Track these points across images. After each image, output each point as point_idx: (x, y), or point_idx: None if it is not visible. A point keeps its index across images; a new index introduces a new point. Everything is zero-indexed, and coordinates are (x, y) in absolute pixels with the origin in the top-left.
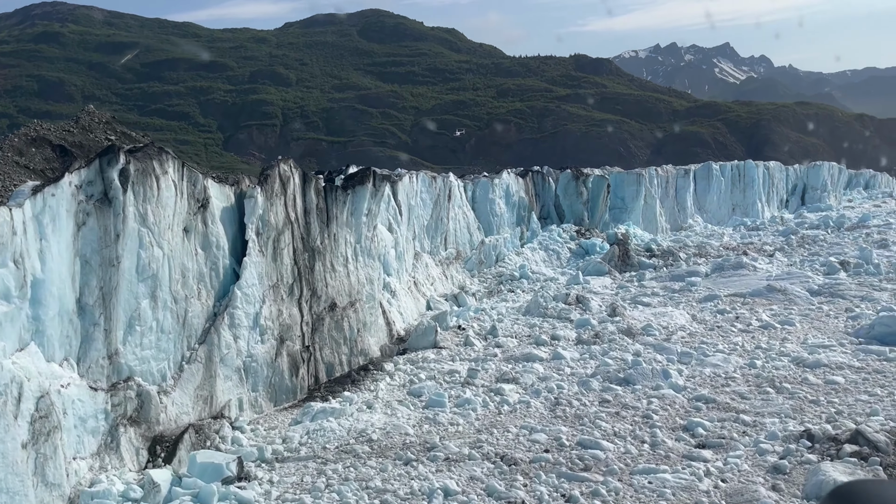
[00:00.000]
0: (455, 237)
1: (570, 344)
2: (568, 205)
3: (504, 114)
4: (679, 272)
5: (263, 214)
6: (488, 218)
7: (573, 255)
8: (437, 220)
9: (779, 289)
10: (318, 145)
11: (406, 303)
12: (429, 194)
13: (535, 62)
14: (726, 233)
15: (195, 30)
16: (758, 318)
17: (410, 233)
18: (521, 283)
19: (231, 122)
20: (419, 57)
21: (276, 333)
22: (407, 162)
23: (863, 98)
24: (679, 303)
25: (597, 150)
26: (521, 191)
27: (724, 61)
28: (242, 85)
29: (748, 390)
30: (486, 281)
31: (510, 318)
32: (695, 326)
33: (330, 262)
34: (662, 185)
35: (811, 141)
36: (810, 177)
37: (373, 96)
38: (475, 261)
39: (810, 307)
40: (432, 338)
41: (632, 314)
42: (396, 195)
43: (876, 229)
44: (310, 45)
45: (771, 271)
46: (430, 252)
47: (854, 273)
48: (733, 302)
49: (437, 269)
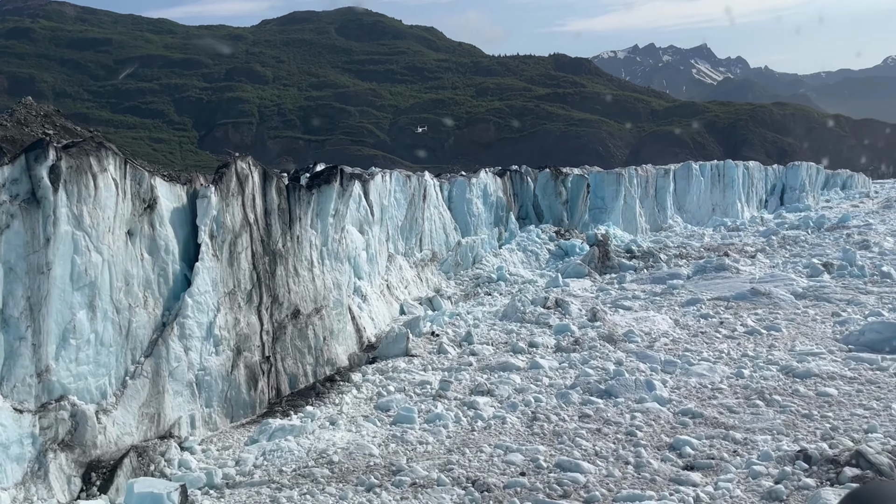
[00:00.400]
0: (431, 238)
1: (549, 351)
2: (547, 205)
3: (483, 113)
4: (660, 274)
5: (218, 216)
6: (465, 218)
7: (552, 257)
8: (412, 220)
9: (763, 292)
10: (296, 144)
11: (378, 307)
12: (403, 194)
13: (515, 61)
14: (706, 233)
15: (170, 26)
16: (742, 323)
17: (384, 234)
18: (499, 286)
19: (206, 120)
20: (398, 55)
21: (232, 344)
22: (385, 161)
23: (837, 99)
24: (661, 307)
25: (576, 149)
26: (499, 190)
27: (702, 62)
28: (218, 82)
29: (736, 403)
30: (462, 283)
31: (486, 323)
32: (678, 332)
33: (293, 266)
34: (642, 184)
35: (788, 141)
36: (789, 177)
37: (351, 94)
38: (451, 262)
39: (796, 311)
40: (404, 345)
41: (613, 319)
42: (368, 195)
43: (856, 230)
44: (287, 43)
45: (754, 273)
46: (405, 254)
47: (838, 275)
48: (717, 306)
49: (411, 271)
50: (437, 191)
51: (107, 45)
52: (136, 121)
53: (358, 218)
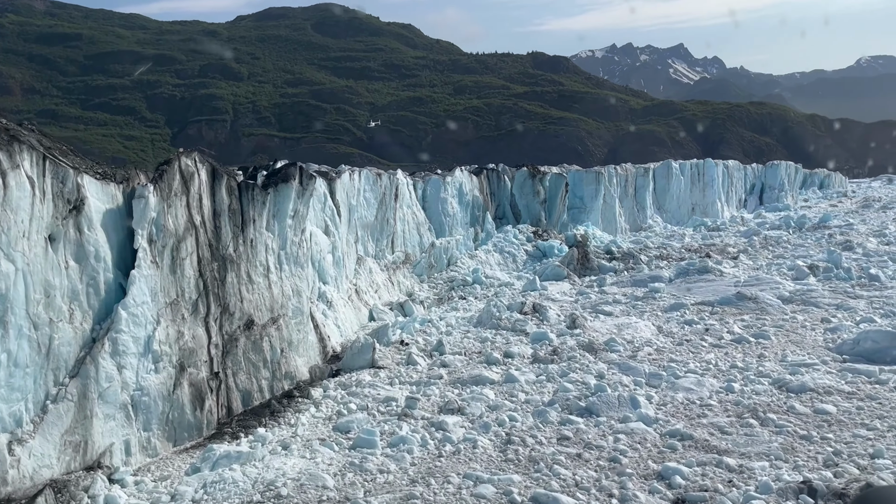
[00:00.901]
0: (403, 239)
1: (526, 362)
2: (524, 204)
3: (461, 111)
4: (641, 277)
5: (158, 218)
6: (440, 218)
7: (530, 258)
8: (383, 221)
9: (749, 296)
10: (270, 141)
11: (345, 314)
12: (373, 193)
13: (493, 59)
14: (687, 233)
15: (142, 21)
16: (729, 330)
17: (352, 235)
18: (474, 289)
19: (179, 118)
20: (375, 52)
21: (174, 360)
22: (361, 159)
23: (811, 99)
24: (643, 312)
25: (554, 148)
26: (476, 189)
27: (679, 62)
28: (192, 79)
29: (728, 423)
30: (436, 287)
31: (460, 330)
32: (662, 340)
33: (246, 272)
34: (622, 184)
35: (765, 140)
36: (768, 176)
37: (327, 92)
38: (425, 265)
39: (784, 317)
40: (370, 356)
41: (593, 325)
42: (334, 194)
43: (838, 230)
44: (262, 39)
45: (738, 276)
46: (375, 256)
47: (824, 278)
48: (701, 311)
49: (382, 274)
50: (410, 190)
51: (76, 41)
52: (107, 118)
53: (323, 219)
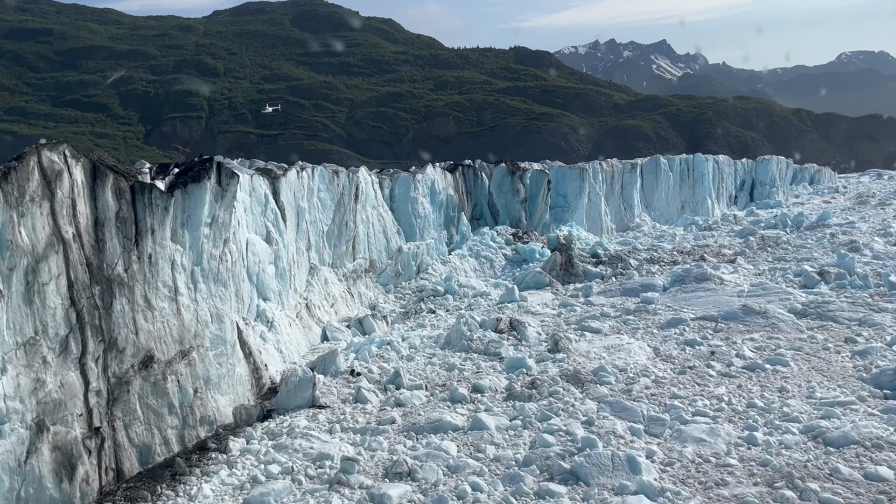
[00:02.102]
0: (367, 244)
1: (498, 399)
2: (503, 204)
3: (442, 107)
4: (632, 284)
5: (3, 232)
6: (410, 220)
7: (509, 263)
8: (341, 224)
9: (757, 310)
10: (247, 138)
11: (291, 335)
12: (329, 193)
13: (475, 54)
14: (678, 233)
15: (116, 16)
16: (739, 353)
17: (303, 242)
18: (446, 301)
19: (153, 115)
20: (354, 47)
21: (30, 417)
22: (340, 156)
23: (793, 95)
24: (636, 329)
25: (537, 144)
26: (450, 188)
27: (662, 58)
28: (166, 75)
29: (758, 495)
30: (403, 297)
31: (424, 353)
32: (660, 367)
33: (143, 296)
34: (607, 180)
35: (751, 135)
36: (759, 172)
37: (305, 88)
38: (391, 273)
39: (800, 336)
40: (309, 394)
41: (579, 348)
42: (279, 195)
43: (839, 229)
44: (239, 35)
45: (740, 284)
46: (332, 265)
47: (837, 286)
48: (703, 328)
49: (340, 285)
50: (375, 189)
51: (47, 36)
52: (78, 115)
53: (264, 224)
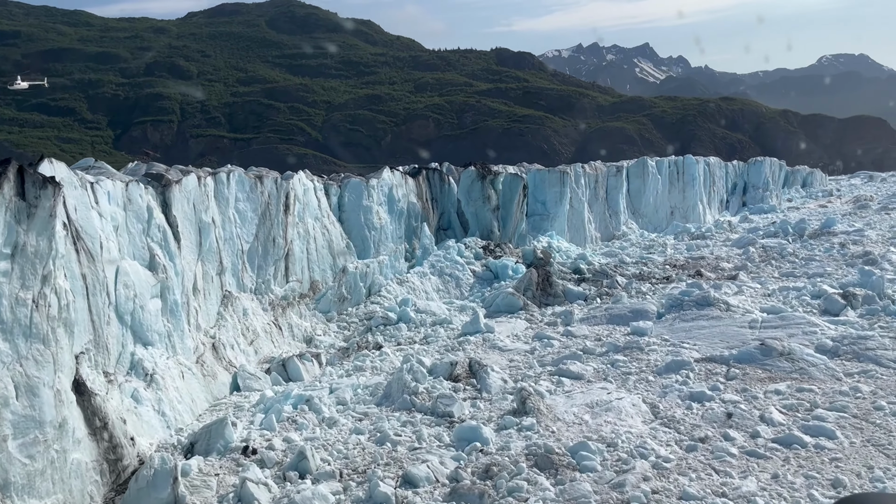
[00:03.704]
0: (305, 264)
1: (437, 499)
2: (472, 212)
3: (422, 109)
4: (620, 309)
5: None
6: (362, 233)
7: (478, 281)
8: (267, 241)
9: (779, 350)
10: (220, 142)
11: (183, 391)
12: (250, 203)
13: (455, 55)
14: (668, 243)
15: (87, 18)
16: (764, 414)
17: (212, 265)
18: (398, 331)
19: (123, 119)
20: (332, 49)
21: None
22: (316, 160)
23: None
24: (627, 375)
25: (519, 146)
26: (412, 195)
27: (645, 61)
28: (137, 78)
29: None
30: (348, 327)
31: (353, 414)
32: (662, 439)
33: None
34: (591, 185)
35: (737, 137)
36: (751, 174)
37: (280, 90)
38: (333, 298)
39: (840, 387)
40: (167, 493)
41: (553, 406)
42: (170, 208)
43: (847, 237)
44: (214, 36)
45: (751, 311)
46: (255, 291)
47: (867, 312)
48: (712, 375)
49: (264, 316)
50: (320, 197)
51: (15, 38)
52: (44, 119)
53: (146, 246)
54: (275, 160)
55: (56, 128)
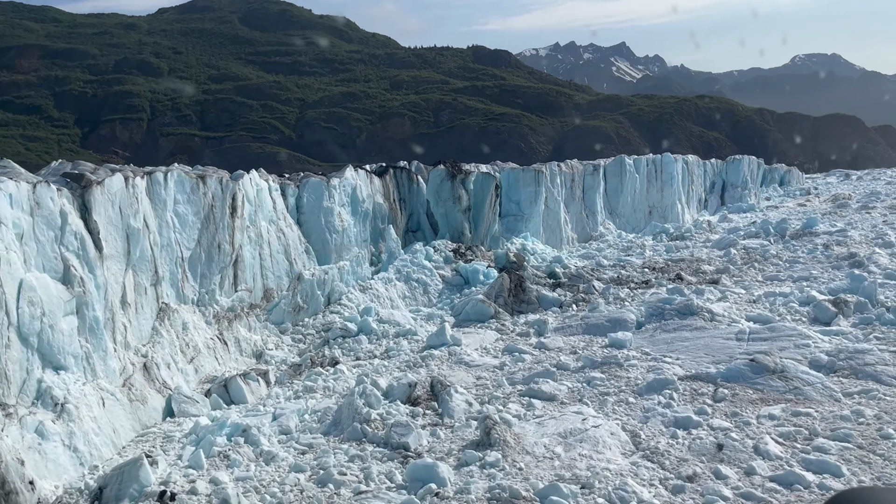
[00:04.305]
0: (258, 270)
1: None
2: (442, 214)
3: (398, 107)
4: (597, 318)
5: None
6: (323, 236)
7: (447, 287)
8: (212, 246)
9: (770, 367)
10: (191, 141)
11: (103, 421)
12: (191, 206)
13: (432, 53)
14: (647, 244)
15: (55, 14)
16: (758, 444)
17: (146, 275)
18: (358, 343)
19: (91, 116)
20: (306, 46)
21: None
22: (290, 159)
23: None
24: (605, 395)
25: (496, 145)
26: (378, 195)
27: (621, 60)
28: (105, 75)
29: None
30: (304, 339)
31: (296, 446)
32: (645, 477)
33: None
34: (567, 184)
35: (714, 135)
36: (730, 173)
37: (253, 87)
38: (287, 307)
39: (839, 410)
40: None
41: (522, 436)
42: (90, 211)
43: (829, 238)
44: (185, 33)
45: (737, 320)
46: (198, 302)
47: (861, 321)
48: (698, 396)
49: (208, 330)
50: (275, 198)
51: None
52: (9, 117)
53: (59, 256)
54: (247, 159)
55: (21, 126)
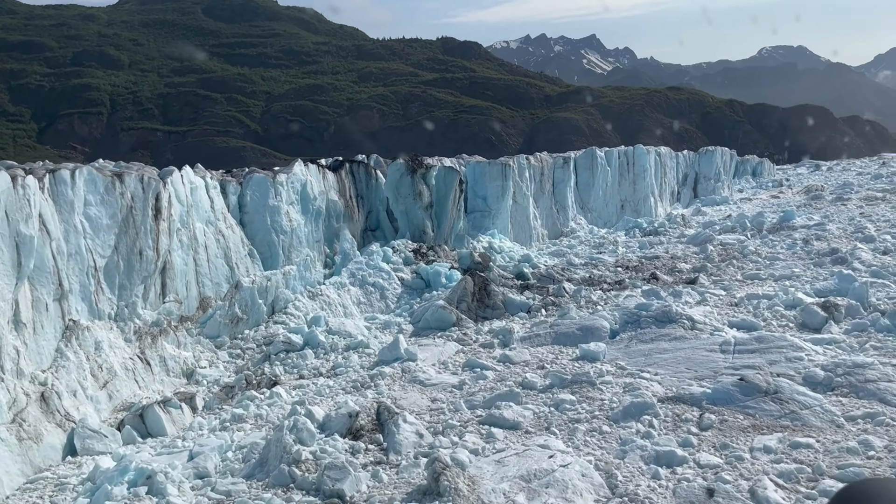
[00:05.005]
0: (191, 278)
1: None
2: (402, 211)
3: (366, 99)
4: (567, 326)
5: None
6: (269, 237)
7: (407, 291)
8: (131, 253)
9: (762, 387)
10: (153, 136)
11: None
12: (106, 208)
13: (400, 45)
14: (619, 240)
15: (10, 6)
16: (756, 491)
17: (47, 289)
18: (304, 359)
19: (48, 111)
20: (272, 38)
21: None
22: (255, 153)
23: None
24: (575, 423)
25: (467, 138)
26: (333, 192)
27: (592, 52)
28: (64, 68)
29: None
30: (242, 355)
31: (208, 496)
32: None
33: None
34: (536, 178)
35: (685, 127)
36: (702, 164)
37: (217, 80)
38: (223, 319)
39: (844, 442)
40: None
41: (477, 479)
42: None
43: (808, 232)
44: (146, 24)
45: (719, 328)
46: (116, 317)
47: (854, 327)
48: (681, 422)
49: (127, 349)
50: (212, 196)
51: None
52: None
53: None
54: (211, 154)
55: None
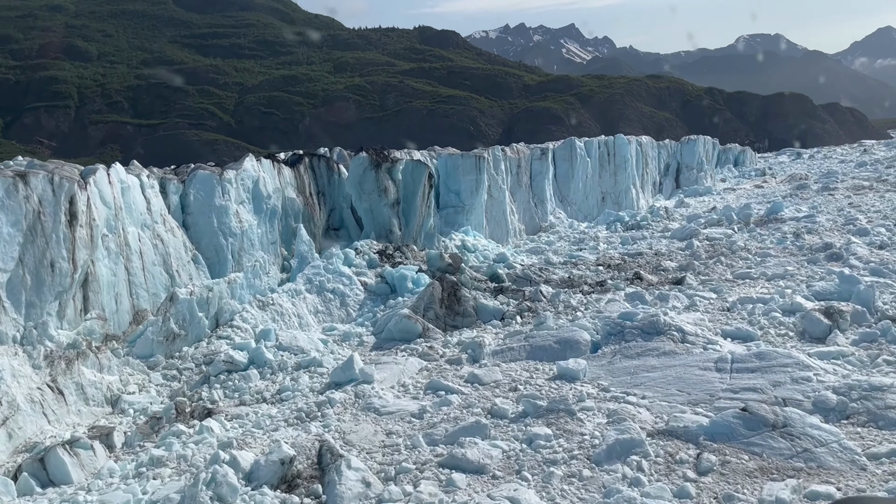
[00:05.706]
0: (122, 290)
1: None
2: (367, 208)
3: (342, 90)
4: (543, 338)
5: None
6: (216, 241)
7: (370, 297)
8: (40, 265)
9: (768, 419)
10: (123, 129)
11: None
12: (9, 214)
13: (377, 34)
14: (600, 235)
15: None
16: None
17: None
18: (247, 381)
19: (14, 104)
20: (245, 28)
21: None
22: (228, 146)
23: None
24: (551, 466)
25: (445, 129)
26: (290, 188)
27: (571, 42)
28: (30, 60)
29: None
30: (179, 377)
31: None
32: None
33: None
34: (513, 170)
35: (665, 115)
36: (684, 154)
37: (189, 71)
38: (157, 336)
39: (868, 488)
40: None
41: None
42: None
43: (798, 224)
44: (115, 15)
45: (714, 340)
46: (23, 340)
47: (863, 337)
48: (674, 464)
49: (34, 378)
50: (148, 196)
51: None
52: None
53: None
54: (183, 147)
55: None
